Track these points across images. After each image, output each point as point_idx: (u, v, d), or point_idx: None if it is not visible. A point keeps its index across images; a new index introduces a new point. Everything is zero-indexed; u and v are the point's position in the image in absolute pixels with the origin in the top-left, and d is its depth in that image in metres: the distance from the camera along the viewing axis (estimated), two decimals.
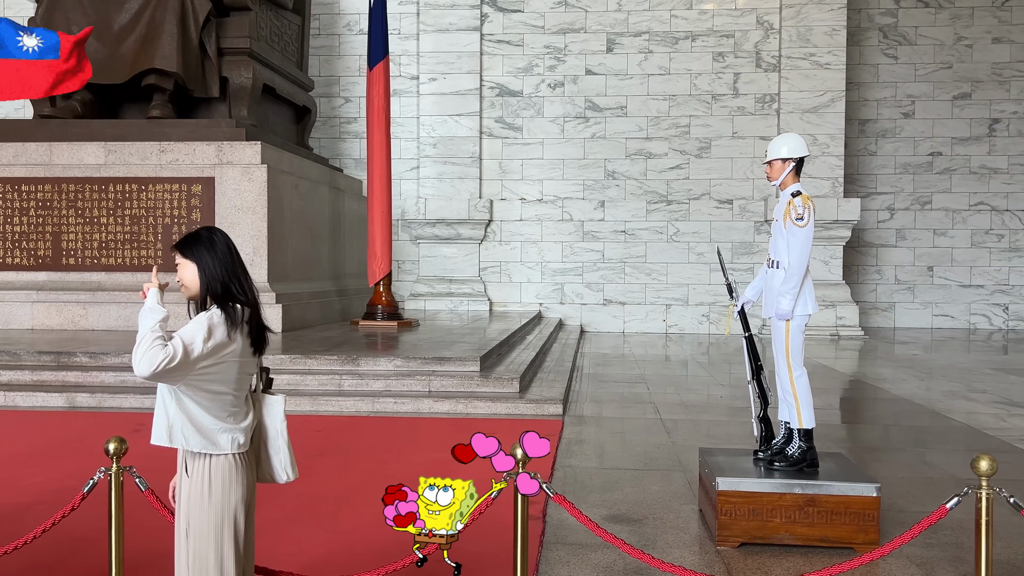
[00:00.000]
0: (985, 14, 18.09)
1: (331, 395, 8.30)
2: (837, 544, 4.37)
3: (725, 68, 16.96)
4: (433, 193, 17.21)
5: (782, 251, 4.63)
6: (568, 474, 5.83)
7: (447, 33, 17.17)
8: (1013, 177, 18.04)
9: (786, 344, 4.63)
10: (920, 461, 6.27)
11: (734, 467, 4.67)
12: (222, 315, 2.62)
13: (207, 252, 2.68)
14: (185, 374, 2.52)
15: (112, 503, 2.94)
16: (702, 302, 16.91)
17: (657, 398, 9.03)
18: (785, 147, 4.70)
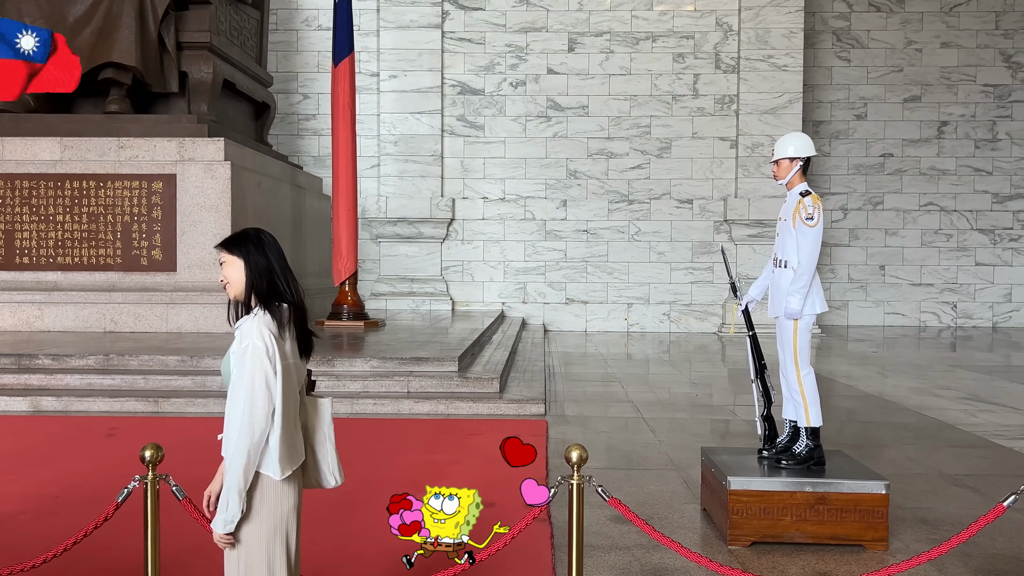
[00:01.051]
0: (934, 19, 18.55)
1: None
2: (847, 542, 4.40)
3: (685, 69, 17.10)
4: (394, 191, 17.03)
5: (790, 250, 4.65)
6: (564, 475, 5.77)
7: (408, 30, 17.01)
8: (961, 178, 18.54)
9: (794, 343, 4.66)
10: (905, 458, 6.37)
11: (742, 466, 4.68)
12: (268, 316, 2.51)
13: (255, 249, 2.57)
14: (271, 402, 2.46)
15: (148, 512, 2.81)
16: (663, 301, 17.03)
17: (634, 396, 9.05)
18: (792, 146, 4.72)
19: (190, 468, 5.90)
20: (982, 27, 18.55)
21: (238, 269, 2.57)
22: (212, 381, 8.34)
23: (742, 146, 16.86)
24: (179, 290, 11.21)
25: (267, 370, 2.44)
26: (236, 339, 2.52)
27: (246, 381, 2.43)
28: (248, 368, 2.43)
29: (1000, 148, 18.58)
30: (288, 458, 2.51)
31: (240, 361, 2.45)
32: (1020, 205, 18.61)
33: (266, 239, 2.62)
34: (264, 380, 2.43)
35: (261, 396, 2.43)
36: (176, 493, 2.90)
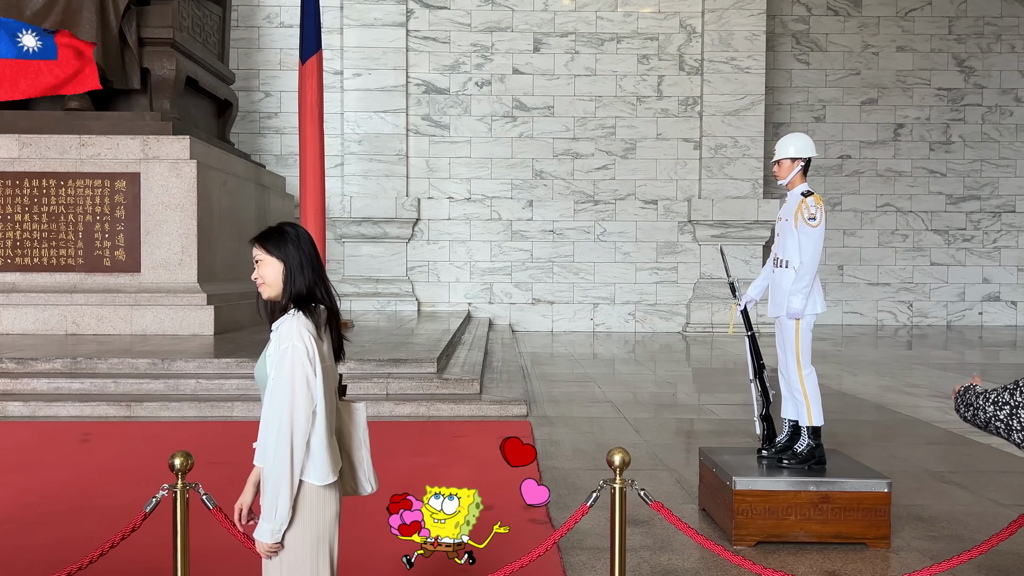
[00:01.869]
0: (890, 23, 18.92)
1: None
2: (850, 540, 4.43)
3: (649, 70, 17.20)
4: (358, 191, 16.86)
5: (791, 250, 4.67)
6: (556, 476, 5.75)
7: (372, 28, 16.85)
8: (916, 180, 18.93)
9: (796, 343, 4.68)
10: (889, 455, 6.46)
11: (744, 466, 4.69)
12: (306, 319, 2.43)
13: (295, 250, 2.48)
14: (312, 404, 2.39)
15: (178, 522, 2.70)
16: (628, 300, 17.11)
17: (612, 396, 9.06)
18: (793, 147, 4.75)
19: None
20: (936, 32, 18.96)
21: (276, 270, 2.48)
22: (185, 384, 8.15)
23: (706, 147, 17.01)
24: (143, 291, 10.95)
25: (308, 372, 2.36)
26: (273, 341, 2.43)
27: (286, 383, 2.35)
28: (288, 370, 2.35)
29: (953, 150, 19.02)
30: (331, 463, 2.44)
31: (280, 363, 2.37)
32: (973, 206, 19.08)
33: (303, 237, 2.53)
34: (305, 382, 2.36)
35: (302, 398, 2.35)
36: (206, 502, 2.79)
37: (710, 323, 16.52)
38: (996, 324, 19.04)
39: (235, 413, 7.75)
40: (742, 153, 16.98)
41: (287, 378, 2.35)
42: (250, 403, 7.84)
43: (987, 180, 19.06)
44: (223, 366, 8.49)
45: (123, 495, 5.24)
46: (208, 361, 8.55)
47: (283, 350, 2.37)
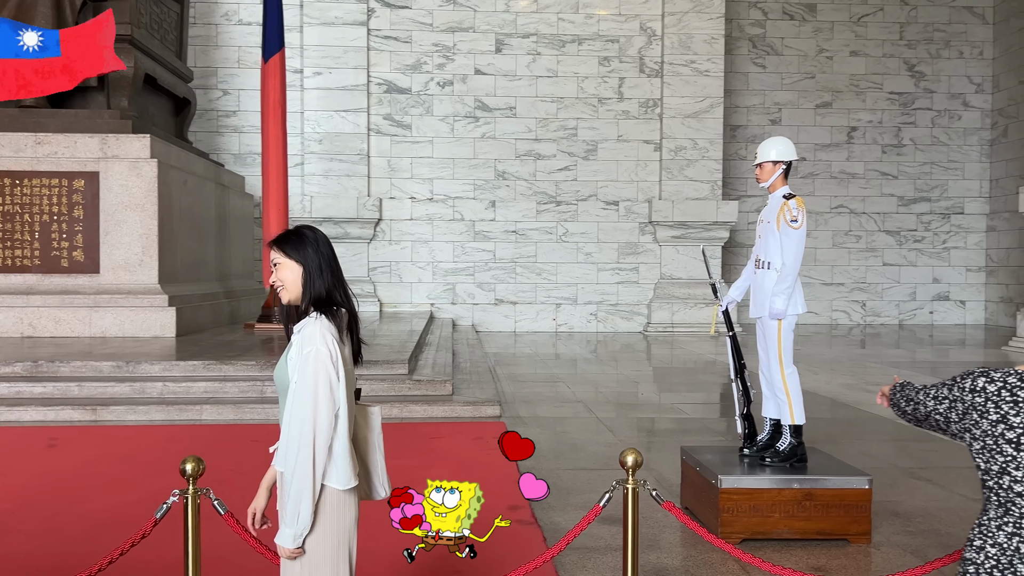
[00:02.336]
0: (844, 28, 19.30)
1: (254, 402, 7.91)
2: (832, 536, 4.53)
3: (611, 72, 17.32)
4: (319, 191, 16.70)
5: (773, 252, 4.75)
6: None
7: (332, 27, 16.71)
8: (869, 182, 19.34)
9: (778, 343, 4.76)
10: (859, 453, 6.59)
11: (728, 465, 4.76)
12: (329, 322, 2.41)
13: (314, 252, 2.47)
14: (335, 407, 2.37)
15: (189, 529, 2.65)
16: (590, 301, 17.21)
17: (582, 396, 9.11)
18: (774, 150, 4.82)
19: (152, 478, 5.65)
20: (888, 37, 19.40)
21: (296, 274, 2.47)
22: (152, 387, 8.01)
23: (666, 149, 17.18)
24: (103, 292, 10.72)
25: (331, 375, 2.36)
26: (295, 344, 2.41)
27: (309, 387, 2.34)
28: (311, 374, 2.34)
29: (905, 153, 19.47)
30: (353, 467, 2.42)
31: (303, 366, 2.35)
32: (924, 208, 19.55)
33: (322, 239, 2.52)
34: (328, 386, 2.35)
35: (325, 402, 2.34)
36: (218, 508, 2.75)
37: (671, 323, 16.69)
38: (946, 323, 19.54)
39: (204, 416, 7.63)
40: (701, 155, 17.18)
41: (310, 382, 2.33)
42: (220, 406, 7.73)
43: (937, 182, 19.55)
44: (190, 368, 8.36)
45: (99, 500, 5.14)
46: (174, 364, 8.41)
47: (306, 354, 2.35)
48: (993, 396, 1.95)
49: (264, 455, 6.24)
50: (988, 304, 19.56)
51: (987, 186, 19.60)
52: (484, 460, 6.23)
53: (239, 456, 6.39)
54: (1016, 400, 1.94)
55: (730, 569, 4.18)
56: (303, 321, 2.44)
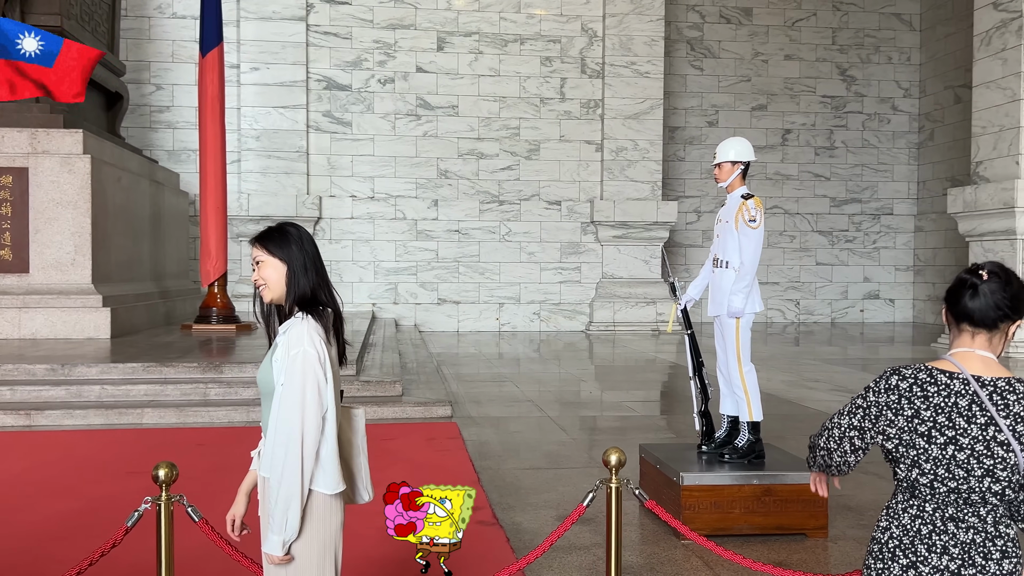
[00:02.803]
0: (778, 32, 19.71)
1: (197, 405, 7.69)
2: (790, 531, 4.59)
3: (552, 72, 17.37)
4: (257, 188, 16.38)
5: (732, 251, 4.79)
6: (495, 477, 5.74)
7: (270, 22, 16.40)
8: (802, 183, 19.78)
9: (736, 341, 4.80)
10: (807, 448, 6.71)
11: (688, 462, 4.79)
12: (315, 322, 2.34)
13: (298, 250, 2.39)
14: (323, 410, 2.31)
15: (162, 537, 2.54)
16: (533, 300, 17.24)
17: (531, 395, 9.10)
18: (733, 151, 4.87)
19: (96, 484, 5.45)
20: (820, 42, 19.87)
21: (279, 272, 2.38)
22: (89, 391, 7.74)
23: (607, 149, 17.30)
24: (33, 293, 10.33)
25: (319, 378, 2.29)
26: (281, 345, 2.33)
27: (297, 390, 2.26)
28: (299, 376, 2.26)
29: (837, 155, 19.98)
30: (340, 471, 2.35)
31: (290, 368, 2.28)
32: (855, 209, 20.08)
33: (306, 236, 2.44)
34: (316, 388, 2.28)
35: (313, 406, 2.27)
36: (192, 515, 2.64)
37: (612, 322, 16.82)
38: (876, 321, 20.11)
39: (145, 420, 7.40)
40: (642, 156, 17.35)
41: (298, 385, 2.26)
42: (161, 409, 7.51)
43: (867, 184, 20.10)
44: (129, 371, 8.10)
45: (39, 509, 4.94)
46: (112, 366, 8.13)
47: (293, 356, 2.28)
48: (906, 393, 2.02)
49: (213, 460, 6.08)
50: (916, 302, 20.19)
51: (915, 188, 20.24)
52: (439, 461, 6.17)
53: (187, 461, 6.21)
54: (927, 395, 2.01)
55: (694, 566, 4.21)
56: (289, 322, 2.36)
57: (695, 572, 4.14)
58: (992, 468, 1.96)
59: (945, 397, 2.00)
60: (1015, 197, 13.13)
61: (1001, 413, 1.97)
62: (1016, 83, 13.35)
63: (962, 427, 1.97)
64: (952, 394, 2.00)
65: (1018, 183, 13.13)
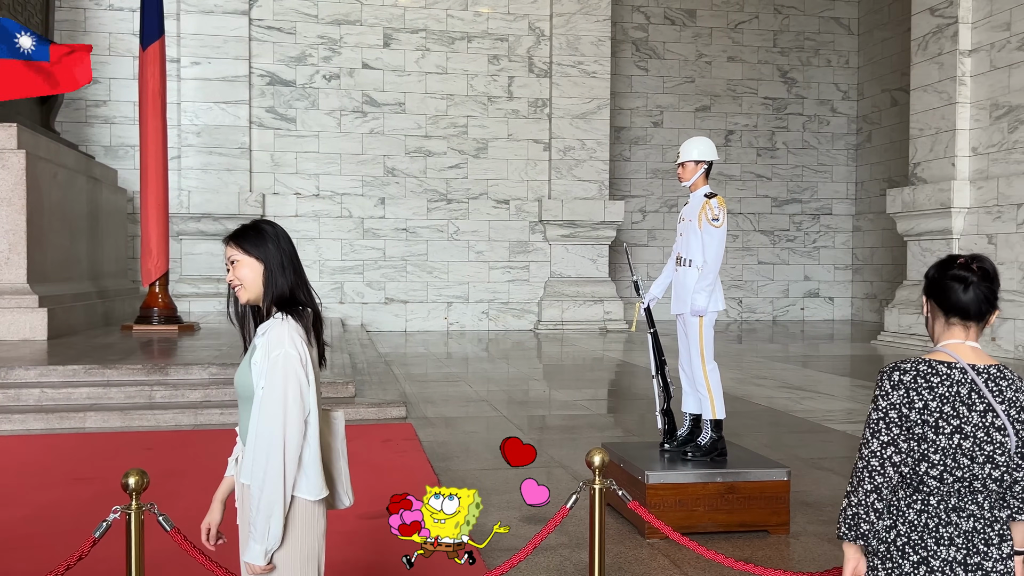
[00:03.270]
0: (721, 34, 19.98)
1: (142, 408, 7.47)
2: (753, 528, 4.63)
3: (500, 71, 17.33)
4: (197, 185, 16.01)
5: (695, 250, 4.81)
6: (455, 478, 5.67)
7: (211, 15, 16.04)
8: (745, 184, 20.09)
9: (700, 339, 4.82)
10: (762, 445, 6.79)
11: (652, 461, 4.80)
12: (295, 323, 2.25)
13: (276, 250, 2.30)
14: (305, 413, 2.23)
15: (132, 548, 2.42)
16: (482, 299, 17.18)
17: (486, 395, 9.05)
18: (696, 150, 4.89)
19: (40, 491, 5.24)
20: (762, 44, 20.20)
21: (255, 271, 2.30)
22: (28, 394, 7.46)
23: (555, 149, 17.33)
24: None
25: (301, 380, 2.21)
26: (260, 347, 2.24)
27: (278, 394, 2.18)
28: (280, 379, 2.18)
29: (778, 156, 20.33)
30: (323, 476, 2.28)
31: (271, 371, 2.19)
32: (795, 209, 20.46)
33: (282, 234, 2.37)
34: (298, 390, 2.20)
35: (295, 410, 2.19)
36: (164, 524, 2.53)
37: (561, 320, 16.85)
38: (816, 319, 20.53)
39: (88, 424, 7.15)
40: (589, 155, 17.42)
41: (280, 388, 2.18)
42: (105, 413, 7.27)
43: (807, 184, 20.50)
44: (69, 373, 7.82)
45: None
46: (52, 368, 7.85)
47: (274, 358, 2.19)
48: (911, 385, 2.03)
49: (164, 465, 5.90)
50: (854, 300, 20.67)
51: (853, 188, 20.71)
52: (396, 463, 6.08)
53: (137, 466, 6.02)
54: (931, 385, 2.03)
55: (661, 564, 4.21)
56: (268, 323, 2.28)
57: (663, 571, 4.14)
58: (992, 454, 2.00)
59: (948, 387, 2.02)
60: (951, 198, 13.51)
61: (997, 399, 2.02)
62: (952, 87, 13.74)
63: (965, 415, 2.00)
64: (954, 383, 2.02)
65: (954, 184, 13.51)
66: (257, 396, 2.21)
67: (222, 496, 2.44)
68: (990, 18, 13.22)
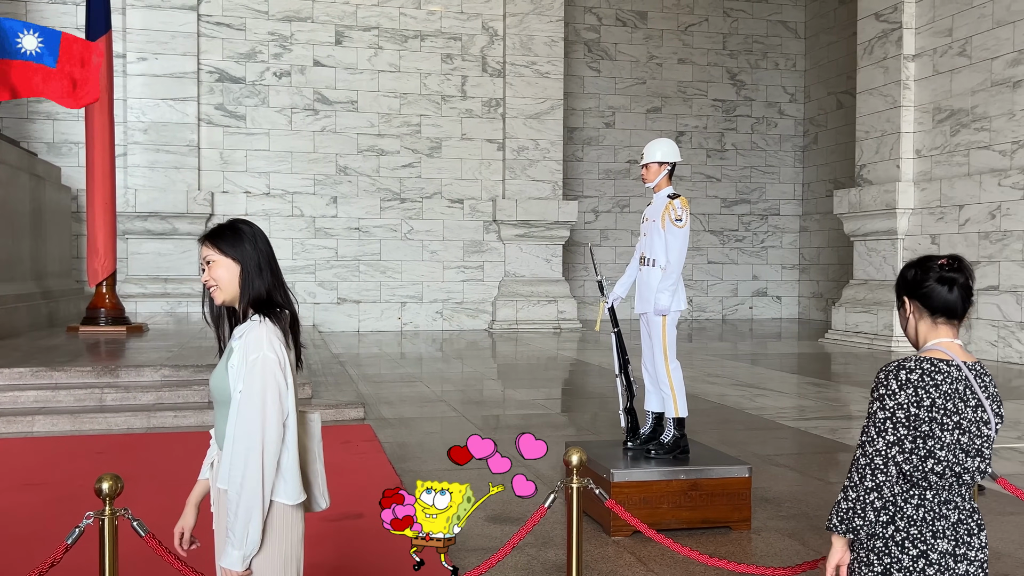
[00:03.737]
0: (672, 37, 20.21)
1: (93, 411, 7.30)
2: (715, 524, 4.68)
3: (454, 70, 17.29)
4: (144, 183, 15.69)
5: (658, 250, 4.85)
6: (418, 478, 5.63)
7: (159, 10, 15.73)
8: (695, 184, 20.34)
9: (663, 338, 4.87)
10: (719, 442, 6.88)
11: (616, 459, 4.83)
12: (273, 325, 2.22)
13: (253, 250, 2.27)
14: (284, 417, 2.20)
15: (106, 555, 2.36)
16: (436, 299, 17.12)
17: (444, 396, 9.02)
18: (659, 152, 4.94)
19: None
20: (712, 47, 20.48)
21: (232, 272, 2.26)
22: None
23: (509, 148, 17.35)
24: None
25: (280, 384, 2.18)
26: (237, 350, 2.20)
27: (256, 398, 2.14)
28: (259, 383, 2.15)
29: (727, 157, 20.64)
30: (300, 480, 2.24)
31: (249, 375, 2.15)
32: (744, 209, 20.79)
33: (259, 234, 2.33)
34: (277, 394, 2.17)
35: (274, 414, 2.16)
36: (138, 529, 2.47)
37: (515, 320, 16.88)
38: (764, 317, 20.88)
39: (37, 428, 6.96)
40: (543, 155, 17.47)
41: (258, 392, 2.14)
42: (54, 416, 7.08)
43: (756, 185, 20.85)
44: (16, 376, 7.61)
45: None
46: None
47: (252, 361, 2.16)
48: (918, 383, 2.07)
49: (119, 468, 5.78)
50: (801, 299, 21.06)
51: (800, 189, 21.11)
52: (357, 464, 6.04)
53: (90, 471, 5.88)
54: (936, 383, 2.07)
55: (627, 562, 4.24)
56: (245, 325, 2.24)
57: (629, 568, 4.17)
58: (981, 447, 2.08)
59: (950, 384, 2.08)
60: (896, 199, 13.84)
61: (984, 394, 2.10)
62: (896, 91, 14.08)
63: (963, 411, 2.07)
64: (953, 380, 2.09)
65: (899, 185, 13.85)
66: (235, 400, 2.17)
67: (196, 500, 2.39)
68: (933, 24, 13.58)
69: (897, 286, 2.24)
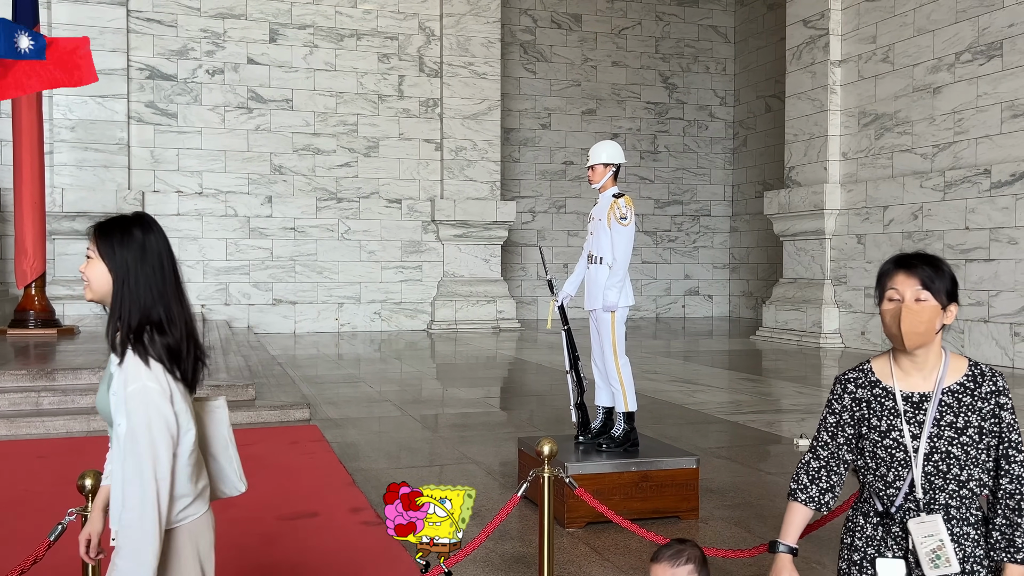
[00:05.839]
0: (606, 40, 20.50)
1: (30, 415, 7.12)
2: (665, 514, 4.83)
3: (390, 70, 17.25)
4: (72, 183, 15.27)
5: (605, 248, 4.98)
6: (370, 477, 5.67)
7: (86, 5, 15.32)
8: (629, 185, 20.65)
9: (612, 334, 5.00)
10: (661, 436, 7.05)
11: (566, 453, 4.94)
12: (150, 350, 2.01)
13: (135, 264, 2.04)
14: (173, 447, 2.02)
15: None
16: (374, 300, 17.05)
17: (387, 395, 9.03)
18: (605, 153, 5.07)
19: None
20: (645, 50, 20.84)
21: (104, 278, 2.05)
22: None
23: (447, 149, 17.38)
24: None
25: (165, 414, 1.99)
26: (116, 375, 2.02)
27: (143, 437, 1.96)
28: (143, 418, 1.96)
29: (660, 159, 21.03)
30: (202, 490, 2.16)
31: (131, 409, 1.97)
32: (676, 210, 21.20)
33: (152, 245, 2.07)
34: (164, 427, 1.98)
35: (164, 449, 1.98)
36: None
37: (454, 320, 16.92)
38: (696, 315, 21.33)
39: None
40: (481, 156, 17.55)
41: (143, 430, 1.96)
42: None
43: (688, 187, 21.28)
44: None
45: None
46: None
47: (131, 393, 1.97)
48: None
49: (61, 472, 5.68)
50: (732, 298, 21.58)
51: (730, 191, 21.62)
52: (307, 464, 6.03)
53: (32, 474, 5.78)
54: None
55: (583, 552, 4.35)
56: (125, 352, 2.02)
57: (585, 558, 4.28)
58: None
59: None
60: (824, 200, 14.31)
61: None
62: (824, 95, 14.56)
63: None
64: None
65: (826, 187, 14.33)
66: (119, 431, 2.02)
67: (102, 504, 2.26)
68: (858, 31, 14.09)
69: (948, 289, 2.13)
